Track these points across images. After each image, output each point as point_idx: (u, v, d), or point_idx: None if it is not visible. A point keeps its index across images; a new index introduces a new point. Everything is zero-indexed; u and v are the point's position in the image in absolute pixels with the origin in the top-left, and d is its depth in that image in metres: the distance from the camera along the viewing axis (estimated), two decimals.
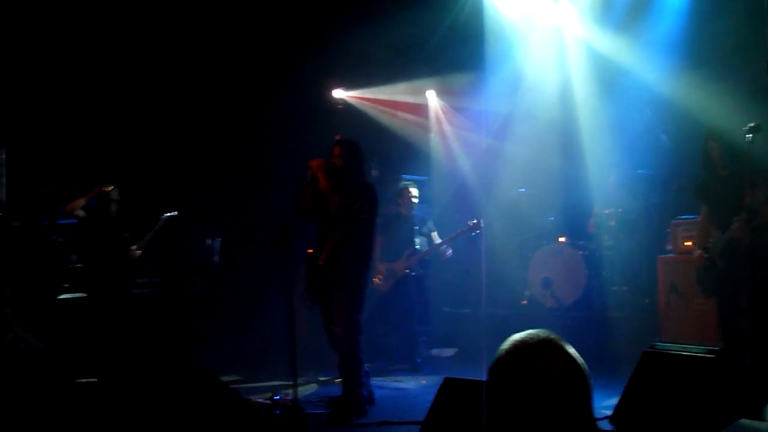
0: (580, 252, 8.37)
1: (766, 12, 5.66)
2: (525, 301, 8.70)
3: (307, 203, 5.74)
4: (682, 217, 7.17)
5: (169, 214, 7.76)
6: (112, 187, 7.45)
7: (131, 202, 8.39)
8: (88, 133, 8.84)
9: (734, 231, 5.52)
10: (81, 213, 7.35)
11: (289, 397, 5.49)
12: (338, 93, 10.04)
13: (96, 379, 6.11)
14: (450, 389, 4.11)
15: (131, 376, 5.90)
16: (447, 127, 10.15)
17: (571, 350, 1.93)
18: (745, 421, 4.46)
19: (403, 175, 8.75)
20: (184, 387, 4.71)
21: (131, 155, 9.05)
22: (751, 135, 5.10)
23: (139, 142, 9.11)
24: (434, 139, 10.15)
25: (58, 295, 7.49)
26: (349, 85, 10.03)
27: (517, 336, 1.99)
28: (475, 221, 7.82)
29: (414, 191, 8.10)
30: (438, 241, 8.12)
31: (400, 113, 10.10)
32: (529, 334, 1.98)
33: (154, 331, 7.74)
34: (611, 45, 8.44)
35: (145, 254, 7.55)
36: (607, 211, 8.48)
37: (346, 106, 10.06)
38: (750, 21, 6.80)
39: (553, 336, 1.96)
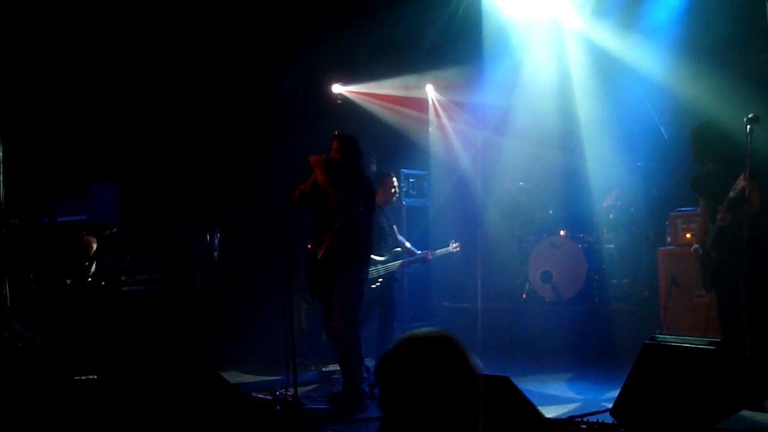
0: (580, 245, 8.36)
1: (766, 1, 5.64)
2: (525, 295, 8.69)
3: (305, 194, 5.73)
4: (681, 209, 7.17)
5: (108, 231, 7.66)
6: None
7: (131, 198, 8.40)
8: (86, 130, 8.82)
9: (720, 221, 5.55)
10: None
11: (290, 393, 5.50)
12: (337, 88, 10.01)
13: (95, 376, 6.11)
14: None
15: (131, 373, 5.89)
16: (446, 122, 10.13)
17: (470, 358, 1.84)
18: (745, 413, 4.46)
19: (402, 170, 8.73)
20: (184, 383, 4.71)
21: (130, 151, 9.04)
22: (750, 126, 5.10)
23: (138, 138, 9.09)
24: (433, 133, 10.12)
25: (59, 292, 7.47)
26: (347, 80, 9.99)
27: (418, 332, 1.90)
28: (457, 244, 7.65)
29: (395, 181, 7.42)
30: (408, 245, 7.47)
31: (398, 108, 10.07)
32: (432, 332, 1.89)
33: (154, 327, 7.72)
34: (610, 37, 8.43)
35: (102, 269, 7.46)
36: (606, 204, 8.49)
37: (344, 101, 10.04)
38: (749, 12, 6.78)
39: (456, 341, 1.87)
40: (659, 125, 8.01)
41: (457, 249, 7.74)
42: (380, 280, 6.98)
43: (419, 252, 7.48)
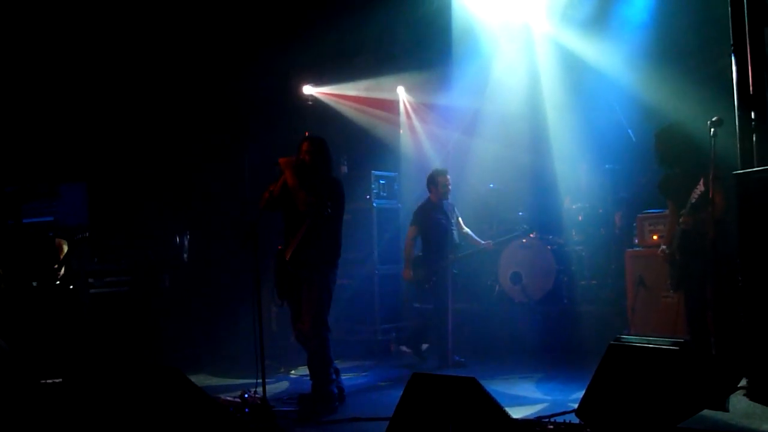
0: (550, 247, 8.43)
1: (729, 8, 5.73)
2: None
3: (275, 196, 5.73)
4: (649, 211, 7.25)
5: (80, 235, 7.61)
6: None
7: (100, 199, 8.31)
8: (54, 130, 8.72)
9: (682, 224, 5.63)
10: None
11: (259, 395, 5.48)
12: (308, 89, 10.00)
13: (61, 380, 6.05)
14: (418, 384, 4.13)
15: (98, 376, 5.84)
16: (417, 123, 10.16)
17: None
18: (707, 412, 4.53)
19: (373, 171, 8.72)
20: (152, 387, 4.67)
21: (99, 152, 8.95)
22: (713, 129, 5.18)
23: (106, 139, 9.01)
24: (404, 135, 10.15)
25: (25, 295, 7.38)
26: (318, 82, 10.00)
27: None
28: (526, 227, 8.30)
29: (449, 178, 7.86)
30: (473, 236, 8.04)
31: (369, 109, 10.08)
32: None
33: (122, 329, 7.66)
34: (579, 42, 8.51)
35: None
36: (575, 206, 8.57)
37: (315, 103, 10.03)
38: (714, 18, 6.88)
39: None
40: (627, 128, 8.10)
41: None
42: (433, 278, 7.62)
43: (483, 242, 8.00)
